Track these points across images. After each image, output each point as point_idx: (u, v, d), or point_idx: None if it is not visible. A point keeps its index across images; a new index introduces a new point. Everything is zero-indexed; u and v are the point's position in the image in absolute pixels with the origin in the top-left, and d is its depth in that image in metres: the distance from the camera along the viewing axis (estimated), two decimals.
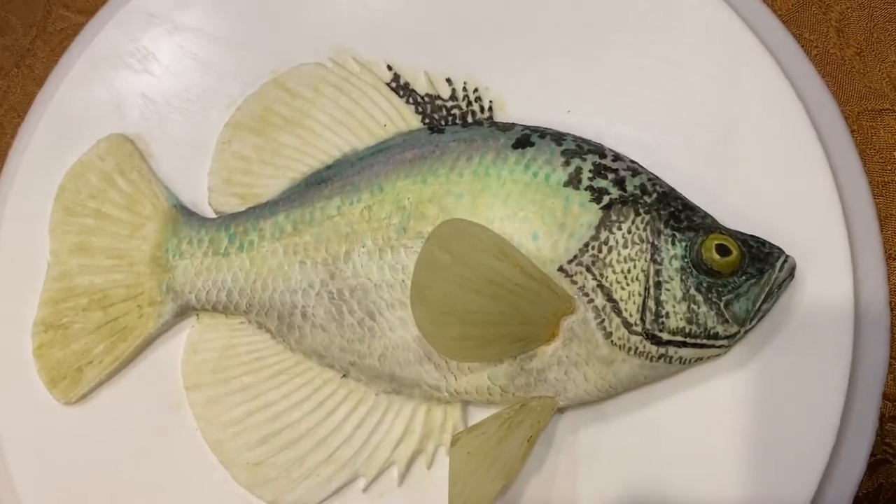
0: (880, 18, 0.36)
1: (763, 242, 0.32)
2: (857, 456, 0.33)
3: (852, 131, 0.36)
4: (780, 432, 0.32)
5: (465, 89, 0.36)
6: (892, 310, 0.35)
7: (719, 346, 0.31)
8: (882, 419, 0.33)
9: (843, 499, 0.33)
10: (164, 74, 0.38)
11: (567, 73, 0.36)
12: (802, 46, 0.36)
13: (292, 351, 0.34)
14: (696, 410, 0.33)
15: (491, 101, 0.36)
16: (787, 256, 0.32)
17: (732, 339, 0.31)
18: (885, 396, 0.34)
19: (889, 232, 0.35)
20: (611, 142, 0.35)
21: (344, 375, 0.34)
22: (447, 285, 0.29)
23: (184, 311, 0.35)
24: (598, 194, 0.32)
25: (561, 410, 0.33)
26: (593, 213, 0.31)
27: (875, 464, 0.33)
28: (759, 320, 0.32)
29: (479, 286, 0.29)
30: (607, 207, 0.31)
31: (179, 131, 0.37)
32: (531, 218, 0.31)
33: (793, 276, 0.32)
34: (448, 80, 0.36)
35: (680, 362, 0.32)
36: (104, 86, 0.38)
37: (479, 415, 0.33)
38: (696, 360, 0.32)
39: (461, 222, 0.29)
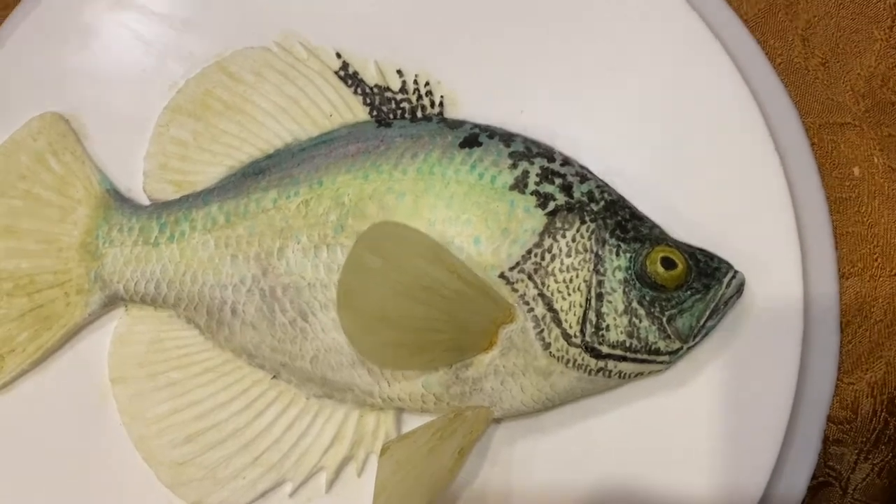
0: (847, 29, 0.35)
1: (711, 256, 0.31)
2: (799, 478, 0.33)
3: (812, 144, 0.35)
4: (721, 451, 0.31)
5: (416, 82, 0.34)
6: (842, 329, 0.34)
7: (660, 362, 0.30)
8: (826, 441, 0.32)
9: None
10: (104, 52, 0.36)
11: (522, 72, 0.35)
12: (767, 54, 0.35)
13: (222, 348, 0.33)
14: (636, 425, 0.32)
15: (442, 97, 0.34)
16: (736, 272, 0.31)
17: (674, 355, 0.30)
18: (829, 419, 0.33)
19: (845, 249, 0.34)
20: (564, 143, 0.34)
21: (274, 376, 0.32)
22: (378, 290, 0.27)
23: (112, 302, 0.33)
24: (543, 199, 0.30)
25: (497, 421, 0.32)
26: (538, 218, 0.30)
27: (817, 486, 0.33)
28: (703, 337, 0.31)
29: (413, 292, 0.28)
30: (552, 214, 0.30)
31: (117, 112, 0.36)
32: (474, 221, 0.30)
33: (741, 293, 0.31)
34: (399, 72, 0.34)
35: (619, 376, 0.31)
36: (41, 60, 0.36)
37: (412, 422, 0.32)
38: (636, 375, 0.31)
39: (394, 225, 0.28)
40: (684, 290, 0.30)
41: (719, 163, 0.34)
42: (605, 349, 0.30)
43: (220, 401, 0.32)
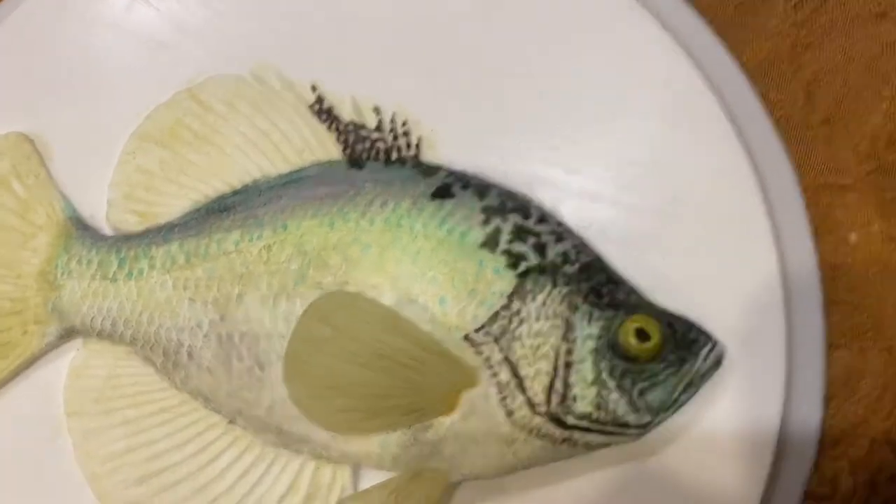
0: (854, 85, 0.33)
1: (690, 327, 0.29)
2: None
3: (808, 205, 0.33)
4: None
5: (392, 121, 0.33)
6: (826, 402, 0.32)
7: (629, 435, 0.29)
8: None
9: None
10: (74, 71, 0.35)
11: (504, 116, 0.33)
12: (767, 107, 0.33)
13: (178, 389, 0.32)
14: (603, 491, 0.31)
15: (419, 138, 0.33)
16: (714, 345, 0.29)
17: (644, 428, 0.29)
18: (807, 495, 0.32)
19: (835, 318, 0.32)
20: (544, 192, 0.32)
21: (230, 422, 0.31)
22: (327, 360, 0.26)
23: (69, 334, 0.32)
24: (515, 260, 0.29)
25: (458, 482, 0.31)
26: (508, 280, 0.29)
27: None
28: (676, 410, 0.29)
29: (367, 360, 0.27)
30: (523, 275, 0.29)
31: (85, 135, 0.34)
32: (440, 280, 0.29)
33: (720, 365, 0.30)
34: (376, 110, 0.33)
35: (586, 447, 0.29)
36: (8, 76, 0.35)
37: (372, 477, 0.31)
38: (602, 446, 0.30)
39: (344, 294, 0.26)
40: (658, 362, 0.29)
41: (706, 222, 0.32)
42: (570, 420, 0.29)
43: (175, 442, 0.31)
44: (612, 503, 0.31)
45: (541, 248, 0.29)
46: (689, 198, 0.32)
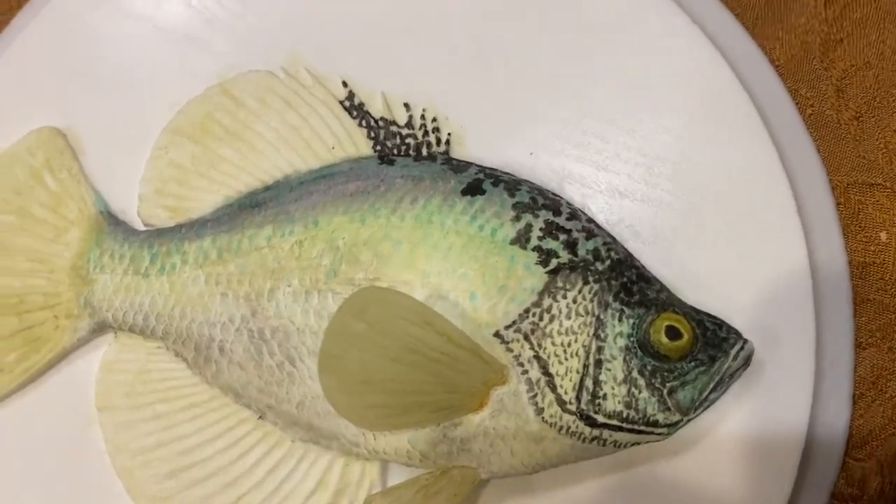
0: (886, 82, 0.33)
1: (720, 324, 0.29)
2: None
3: (838, 203, 0.33)
4: None
5: (423, 117, 0.33)
6: (854, 402, 0.32)
7: (658, 434, 0.29)
8: None
9: None
10: (105, 66, 0.35)
11: (534, 112, 0.33)
12: (797, 104, 0.33)
13: (209, 384, 0.32)
14: (632, 491, 0.31)
15: (449, 135, 0.33)
16: (744, 343, 0.29)
17: (673, 427, 0.29)
18: (833, 496, 0.31)
19: (864, 318, 0.32)
20: (573, 189, 0.32)
21: (260, 417, 0.32)
22: (362, 355, 0.26)
23: (101, 328, 0.33)
24: (545, 256, 0.29)
25: (486, 479, 0.31)
26: (538, 276, 0.29)
27: None
28: (705, 409, 0.29)
29: (399, 355, 0.27)
30: (554, 272, 0.29)
31: (116, 129, 0.35)
32: (471, 276, 0.29)
33: (749, 364, 0.30)
34: (406, 106, 0.33)
35: (615, 446, 0.29)
36: (42, 70, 0.35)
37: (400, 473, 0.31)
38: (632, 445, 0.30)
39: (379, 290, 0.27)
40: (688, 361, 0.29)
41: (736, 219, 0.32)
42: (600, 418, 0.29)
43: (205, 437, 0.32)
44: (639, 503, 0.31)
45: (572, 245, 0.29)
46: (719, 194, 0.32)
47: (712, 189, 0.32)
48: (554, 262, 0.29)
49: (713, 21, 0.34)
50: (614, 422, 0.29)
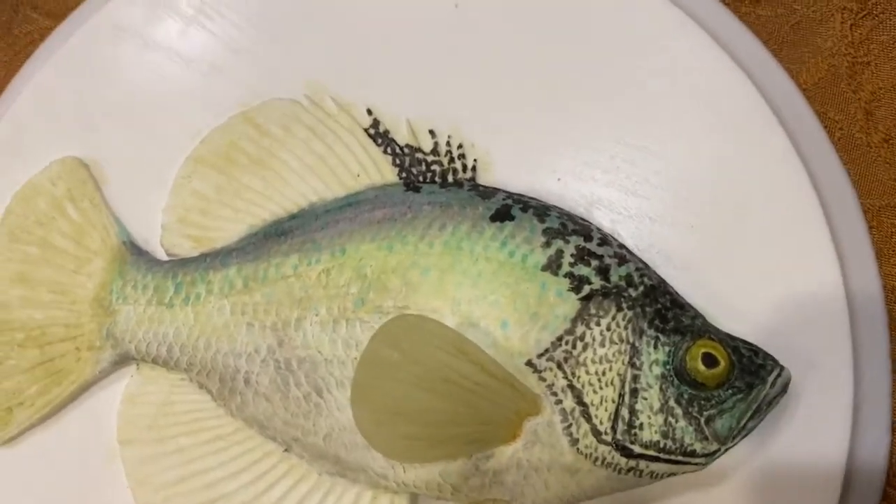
0: None
1: (756, 351, 0.29)
2: None
3: (871, 227, 0.32)
4: None
5: (448, 144, 0.33)
6: (893, 432, 0.31)
7: (695, 464, 0.28)
8: None
9: None
10: (129, 95, 0.35)
11: (561, 137, 0.33)
12: (826, 127, 0.33)
13: (233, 416, 0.31)
14: None
15: (475, 161, 0.32)
16: (782, 370, 0.28)
17: (711, 457, 0.28)
18: None
19: None
20: (602, 215, 0.32)
21: (286, 450, 0.31)
22: (394, 385, 0.26)
23: (123, 360, 0.32)
24: (578, 283, 0.29)
25: None
26: (571, 303, 0.28)
27: None
28: (742, 437, 0.29)
29: (433, 385, 0.26)
30: (587, 299, 0.28)
31: (139, 159, 0.34)
32: (502, 303, 0.28)
33: (786, 391, 0.29)
34: (431, 132, 0.33)
35: (651, 476, 0.29)
36: (65, 100, 0.35)
37: None
38: (668, 475, 0.29)
39: (413, 318, 0.26)
40: (725, 388, 0.28)
41: (768, 245, 0.31)
42: (637, 448, 0.28)
43: (230, 471, 0.31)
44: None
45: (604, 271, 0.29)
46: (750, 219, 0.32)
47: (743, 213, 0.32)
48: (587, 289, 0.28)
49: (740, 46, 0.34)
50: (651, 452, 0.28)
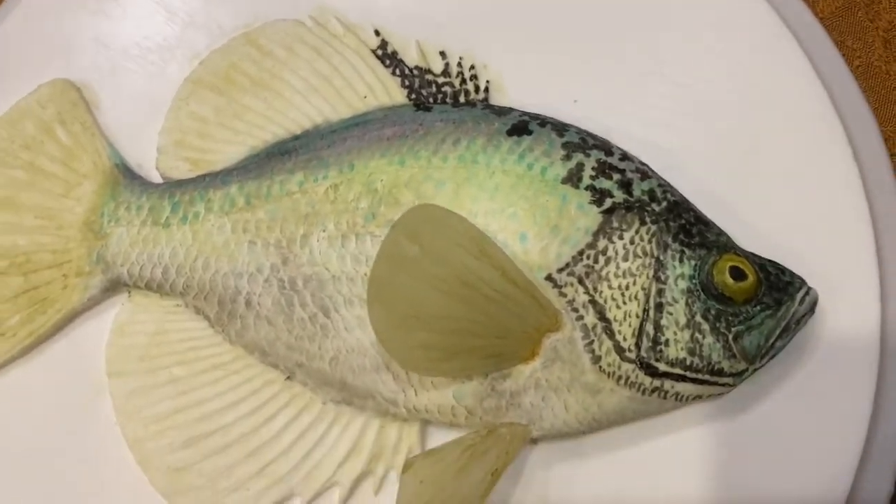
0: None
1: (783, 270, 0.28)
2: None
3: (891, 155, 0.32)
4: (783, 488, 0.28)
5: (459, 65, 0.31)
6: None
7: (723, 384, 0.27)
8: None
9: None
10: (122, 17, 0.34)
11: (577, 58, 0.32)
12: (844, 55, 0.32)
13: (232, 343, 0.30)
14: (690, 453, 0.29)
15: (488, 82, 0.31)
16: (809, 288, 0.27)
17: (738, 377, 0.27)
18: None
19: None
20: (620, 139, 0.31)
21: (288, 377, 0.29)
22: (413, 283, 0.24)
23: (114, 287, 0.30)
24: (599, 196, 0.27)
25: (534, 441, 0.29)
26: (592, 216, 0.27)
27: None
28: (770, 358, 0.28)
29: (451, 288, 0.25)
30: (609, 212, 0.27)
31: (133, 83, 0.33)
32: (521, 216, 0.27)
33: (813, 311, 0.28)
34: (442, 54, 0.32)
35: (676, 398, 0.27)
36: (54, 24, 0.34)
37: (440, 437, 0.29)
38: (694, 398, 0.28)
39: (436, 209, 0.25)
40: (753, 304, 0.27)
41: (792, 170, 0.31)
42: (662, 366, 0.27)
43: (227, 402, 0.29)
44: (698, 467, 0.28)
45: (626, 185, 0.28)
46: (771, 144, 0.31)
47: (766, 138, 0.31)
48: (608, 202, 0.27)
49: None
50: (677, 370, 0.27)
